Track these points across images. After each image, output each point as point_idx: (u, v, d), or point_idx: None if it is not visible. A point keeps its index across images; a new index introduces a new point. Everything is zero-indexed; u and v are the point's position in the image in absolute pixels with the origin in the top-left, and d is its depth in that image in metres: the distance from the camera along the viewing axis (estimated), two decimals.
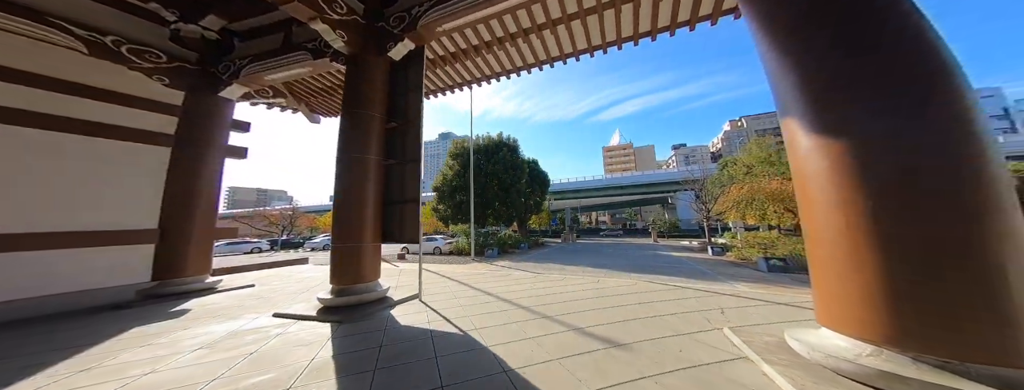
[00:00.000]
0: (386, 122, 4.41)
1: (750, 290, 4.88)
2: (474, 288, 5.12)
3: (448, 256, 12.19)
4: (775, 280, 6.32)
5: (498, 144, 20.26)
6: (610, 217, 58.78)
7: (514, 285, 5.30)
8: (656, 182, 37.88)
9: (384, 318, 3.52)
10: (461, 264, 9.52)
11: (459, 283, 5.61)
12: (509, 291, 4.82)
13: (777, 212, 14.62)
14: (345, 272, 3.78)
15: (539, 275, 6.53)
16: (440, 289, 5.08)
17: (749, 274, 7.26)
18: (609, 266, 8.93)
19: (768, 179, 15.28)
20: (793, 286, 5.51)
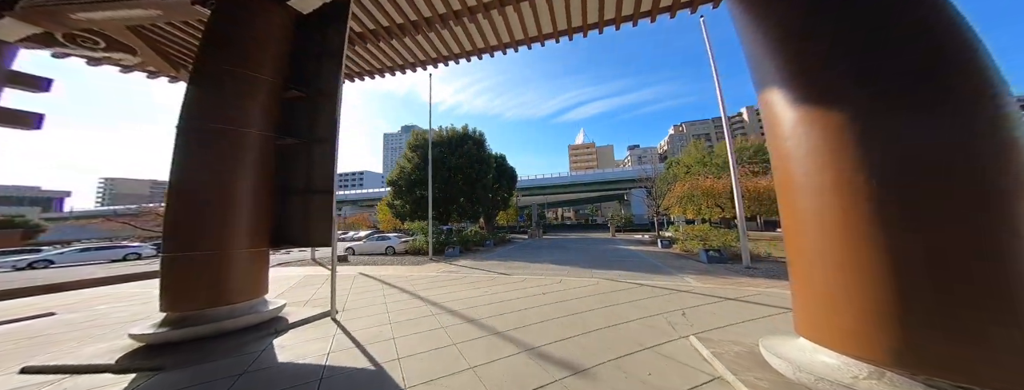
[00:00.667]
0: (283, 89, 3.17)
1: (700, 285, 4.94)
2: (417, 296, 4.26)
3: (401, 256, 10.82)
4: (715, 271, 6.73)
5: (463, 137, 18.96)
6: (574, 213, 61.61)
7: (467, 291, 4.55)
8: (615, 180, 40.51)
9: (256, 353, 2.50)
10: (414, 265, 8.40)
11: (401, 290, 4.68)
12: (458, 299, 4.08)
13: (709, 207, 16.59)
14: (189, 292, 2.62)
15: (499, 276, 5.89)
16: (370, 301, 4.14)
17: (693, 266, 7.69)
18: (573, 262, 8.77)
19: (703, 178, 17.22)
20: (732, 277, 5.84)
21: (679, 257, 9.65)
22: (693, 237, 14.43)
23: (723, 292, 4.23)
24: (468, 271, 7.17)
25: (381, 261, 9.51)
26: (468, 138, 18.89)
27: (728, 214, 16.07)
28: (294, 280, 6.11)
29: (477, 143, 19.23)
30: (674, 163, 27.91)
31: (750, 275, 6.09)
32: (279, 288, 5.10)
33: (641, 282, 5.03)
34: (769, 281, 5.22)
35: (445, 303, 3.89)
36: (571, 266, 7.93)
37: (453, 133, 18.69)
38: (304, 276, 6.53)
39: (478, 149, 19.01)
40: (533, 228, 23.99)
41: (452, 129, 18.95)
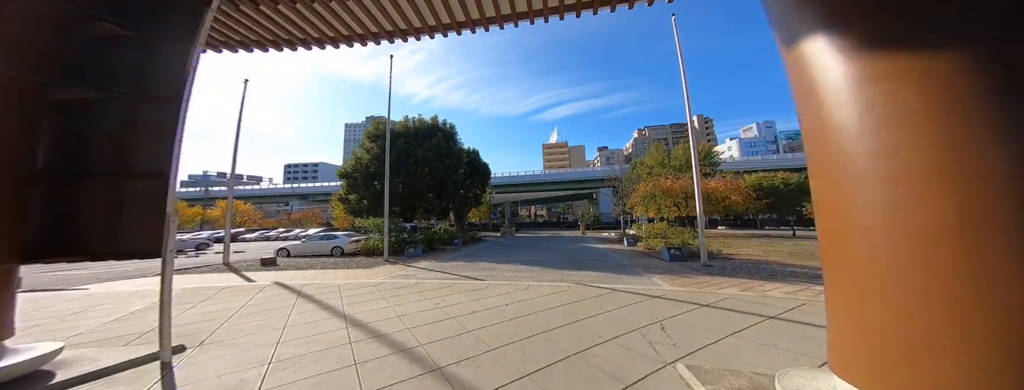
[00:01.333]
0: (74, 11, 1.87)
1: (669, 287, 4.68)
2: (339, 315, 3.23)
3: (350, 258, 9.26)
4: (678, 269, 6.74)
5: (431, 128, 17.43)
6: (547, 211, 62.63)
7: (413, 303, 3.63)
8: (586, 179, 41.83)
9: None
10: (362, 269, 7.10)
11: (320, 307, 3.58)
12: (397, 316, 3.16)
13: (668, 206, 17.70)
14: None
15: (458, 282, 5.04)
16: (264, 325, 2.99)
17: (657, 264, 7.70)
18: (543, 262, 8.26)
19: (663, 179, 18.32)
20: (695, 276, 5.80)
21: (643, 255, 9.77)
22: (655, 235, 15.13)
23: (695, 297, 3.95)
24: (425, 275, 6.17)
25: (321, 264, 7.93)
26: (437, 130, 17.41)
27: (684, 212, 17.20)
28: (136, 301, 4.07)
29: (447, 136, 17.84)
30: (638, 164, 29.53)
31: (709, 273, 6.14)
32: (121, 309, 3.57)
33: (612, 286, 4.61)
34: (730, 280, 5.21)
35: (376, 323, 2.93)
36: (541, 267, 7.38)
37: (420, 124, 17.05)
38: (193, 288, 4.83)
39: (448, 142, 17.64)
40: (505, 226, 23.36)
41: (420, 120, 17.29)
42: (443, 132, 17.56)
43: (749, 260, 8.09)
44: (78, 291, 4.79)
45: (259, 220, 31.07)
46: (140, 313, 3.42)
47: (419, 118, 17.20)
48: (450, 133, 18.11)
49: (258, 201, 35.32)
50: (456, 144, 18.51)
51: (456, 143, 18.53)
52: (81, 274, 8.27)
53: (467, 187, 21.52)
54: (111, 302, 3.92)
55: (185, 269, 7.66)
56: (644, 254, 10.04)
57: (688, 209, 17.04)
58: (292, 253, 9.95)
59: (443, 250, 11.82)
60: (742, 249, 10.70)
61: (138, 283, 5.87)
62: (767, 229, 24.74)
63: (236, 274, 6.66)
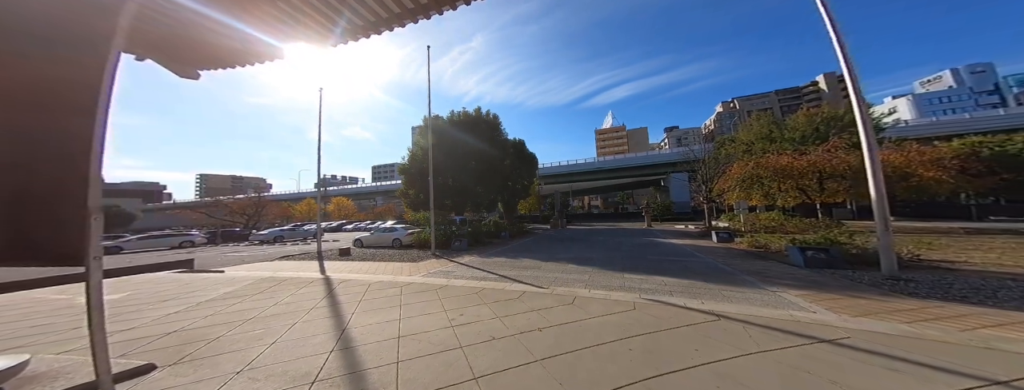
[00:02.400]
0: None
1: (842, 318, 2.65)
2: (334, 329, 2.68)
3: (405, 250, 9.81)
4: (834, 284, 4.18)
5: (476, 120, 17.28)
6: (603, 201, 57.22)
7: (422, 318, 2.93)
8: (650, 164, 35.72)
9: None
10: (408, 261, 7.19)
11: (331, 314, 3.10)
12: (388, 340, 2.45)
13: (784, 190, 12.61)
14: None
15: (491, 286, 4.22)
16: (260, 336, 2.57)
17: (782, 271, 5.12)
18: (597, 261, 6.71)
19: (775, 155, 13.14)
20: (885, 299, 3.34)
21: (749, 255, 6.89)
22: (765, 228, 11.12)
23: (943, 353, 1.96)
24: (462, 273, 5.64)
25: (380, 256, 8.51)
26: (481, 121, 17.16)
27: (818, 198, 12.00)
28: (222, 287, 4.34)
29: (491, 126, 17.42)
30: (728, 141, 22.85)
31: (914, 294, 3.50)
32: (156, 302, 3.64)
33: (719, 310, 2.91)
34: (987, 310, 2.69)
35: (366, 349, 2.24)
36: (596, 268, 5.91)
37: (465, 116, 17.09)
38: (263, 279, 4.89)
39: (492, 132, 17.22)
40: (555, 218, 21.87)
41: (464, 112, 17.35)
42: (487, 123, 17.21)
43: (1007, 274, 4.36)
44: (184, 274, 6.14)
45: (355, 214, 38.60)
46: (209, 304, 3.55)
47: (464, 111, 17.28)
48: (494, 123, 17.63)
49: (355, 198, 44.02)
50: (501, 134, 17.96)
51: (500, 134, 17.97)
52: (231, 258, 11.35)
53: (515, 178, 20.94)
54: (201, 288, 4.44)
55: (290, 255, 9.49)
56: (750, 254, 7.14)
57: (824, 194, 11.80)
58: (364, 243, 11.26)
59: (489, 243, 11.48)
60: (965, 253, 6.30)
61: (251, 267, 7.40)
62: (989, 221, 15.34)
63: (315, 262, 7.69)
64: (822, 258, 5.43)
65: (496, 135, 17.47)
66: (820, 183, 11.67)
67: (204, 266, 7.55)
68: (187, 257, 8.10)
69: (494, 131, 17.44)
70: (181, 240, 15.57)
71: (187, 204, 33.36)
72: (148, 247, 14.62)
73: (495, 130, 17.60)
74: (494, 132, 17.36)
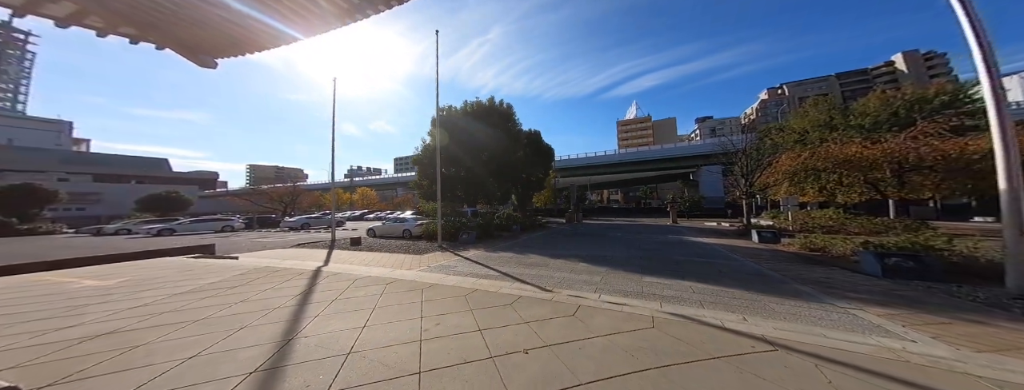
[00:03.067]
0: None
1: (943, 348, 1.81)
2: (277, 340, 2.27)
3: (413, 242, 9.74)
4: (919, 298, 3.16)
5: (489, 110, 16.71)
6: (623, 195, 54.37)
7: (389, 327, 2.48)
8: (678, 156, 32.87)
9: None
10: (412, 254, 7.02)
11: (285, 321, 2.62)
12: (334, 356, 2.01)
13: (849, 185, 10.52)
14: None
15: (479, 289, 3.74)
16: (183, 346, 2.15)
17: (850, 281, 4.07)
18: (612, 260, 6.00)
19: (838, 143, 10.95)
20: (992, 319, 2.39)
21: (803, 260, 5.72)
22: (819, 227, 9.48)
23: None
24: (461, 269, 5.29)
25: (386, 247, 8.43)
26: (493, 111, 16.55)
27: (897, 193, 9.89)
28: (212, 276, 4.11)
29: (504, 116, 16.76)
30: (775, 130, 19.99)
31: None
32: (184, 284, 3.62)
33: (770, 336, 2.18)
34: None
35: (308, 363, 1.85)
36: (610, 268, 5.23)
37: (478, 106, 16.57)
38: (257, 269, 4.62)
39: (505, 122, 16.58)
40: (570, 211, 20.94)
41: (477, 102, 16.83)
42: (500, 113, 16.57)
43: None
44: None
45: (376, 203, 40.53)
46: (181, 297, 3.25)
47: (477, 101, 16.76)
48: (507, 113, 16.95)
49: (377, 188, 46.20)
50: (514, 125, 17.27)
51: (514, 124, 17.28)
52: (264, 241, 12.03)
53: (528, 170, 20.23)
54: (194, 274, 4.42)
55: (306, 243, 9.72)
56: (802, 258, 5.95)
57: (904, 190, 9.68)
58: (376, 233, 11.36)
59: (499, 237, 11.09)
60: None
61: (263, 254, 7.67)
62: None
63: (324, 251, 7.79)
64: (910, 267, 4.25)
65: (510, 125, 16.80)
66: (898, 176, 9.53)
67: (228, 251, 8.04)
68: (210, 242, 8.43)
69: (507, 121, 16.77)
70: (223, 225, 17.25)
71: (234, 192, 37.28)
72: (196, 230, 16.38)
73: (508, 120, 16.92)
74: (507, 122, 16.70)
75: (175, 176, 45.14)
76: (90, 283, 4.10)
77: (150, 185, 34.06)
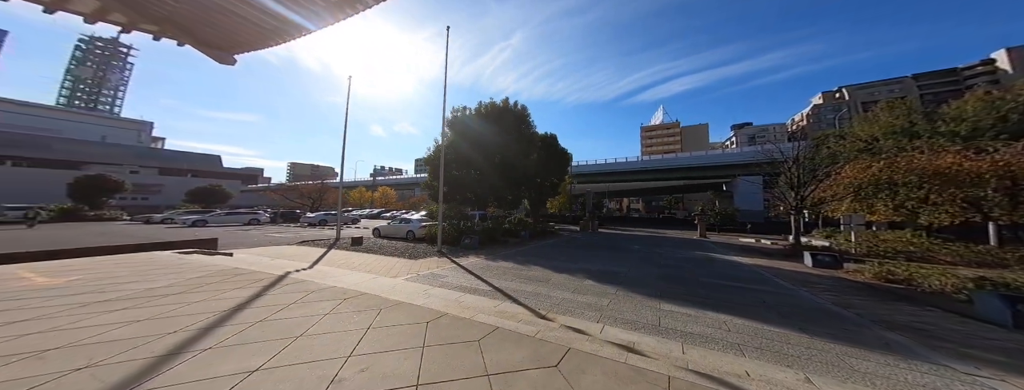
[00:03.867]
0: None
1: None
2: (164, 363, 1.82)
3: (414, 244, 9.49)
4: None
5: (502, 112, 16.47)
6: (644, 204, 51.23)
7: (283, 372, 1.96)
8: (710, 165, 30.23)
9: None
10: (407, 258, 6.72)
11: (155, 350, 2.18)
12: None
13: (942, 202, 8.44)
14: None
15: (448, 314, 3.20)
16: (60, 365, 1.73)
17: (960, 330, 2.94)
18: (625, 278, 5.17)
19: (927, 152, 8.94)
20: None
21: (876, 293, 4.43)
22: (899, 252, 7.76)
23: None
24: (452, 280, 4.82)
25: (384, 249, 8.10)
26: (507, 112, 16.26)
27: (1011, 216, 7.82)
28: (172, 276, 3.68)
29: (518, 118, 16.39)
30: (835, 137, 17.47)
31: None
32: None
33: None
34: None
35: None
36: (621, 288, 4.43)
37: (492, 107, 16.39)
38: (220, 271, 4.14)
39: (519, 124, 16.18)
40: (585, 219, 19.80)
41: (491, 103, 16.67)
42: (513, 114, 16.22)
43: None
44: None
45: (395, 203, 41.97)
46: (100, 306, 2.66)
47: (491, 102, 16.61)
48: (521, 115, 16.56)
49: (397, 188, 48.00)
50: (528, 127, 16.81)
51: (528, 126, 16.82)
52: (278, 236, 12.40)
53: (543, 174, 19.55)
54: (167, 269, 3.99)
55: (309, 241, 9.58)
56: (875, 290, 4.64)
57: (1020, 212, 7.58)
58: (381, 233, 11.28)
59: (505, 243, 10.54)
60: None
61: (261, 251, 7.71)
62: None
63: (322, 250, 7.70)
64: None
65: (524, 127, 16.37)
66: (1012, 194, 7.45)
67: (237, 245, 8.24)
68: (212, 236, 8.29)
69: (521, 123, 16.36)
70: (250, 218, 18.57)
71: (271, 187, 40.85)
72: (227, 222, 17.76)
73: (522, 122, 16.50)
74: (521, 124, 16.28)
75: (223, 171, 50.49)
76: (40, 281, 3.58)
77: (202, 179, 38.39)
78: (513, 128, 15.64)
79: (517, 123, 16.20)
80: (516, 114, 16.74)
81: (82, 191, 21.35)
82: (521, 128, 16.33)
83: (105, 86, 64.50)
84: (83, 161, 36.23)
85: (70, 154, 37.07)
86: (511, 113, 16.63)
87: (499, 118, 15.83)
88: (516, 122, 16.19)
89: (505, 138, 15.12)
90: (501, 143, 14.93)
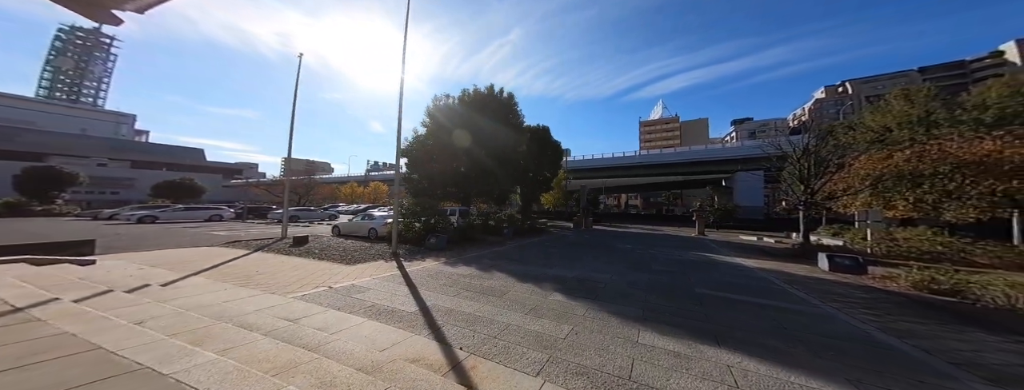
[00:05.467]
0: None
1: None
2: None
3: (373, 243, 8.34)
4: None
5: (486, 100, 15.21)
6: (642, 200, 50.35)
7: None
8: (710, 160, 29.25)
9: None
10: (342, 263, 5.62)
11: None
12: None
13: (977, 195, 7.39)
14: None
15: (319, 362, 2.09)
16: None
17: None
18: (603, 290, 4.15)
19: (957, 139, 7.87)
20: None
21: (927, 309, 3.33)
22: (923, 253, 6.80)
23: None
24: (377, 293, 3.77)
25: (327, 252, 6.70)
26: (492, 100, 14.98)
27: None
28: None
29: (504, 107, 15.14)
30: (845, 127, 16.42)
31: None
32: None
33: None
34: None
35: None
36: (593, 305, 3.35)
37: (476, 94, 15.09)
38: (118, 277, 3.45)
39: (506, 114, 14.95)
40: (579, 216, 18.74)
41: (475, 91, 15.35)
42: (499, 102, 14.94)
43: None
44: None
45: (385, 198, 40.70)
46: None
47: (475, 89, 15.29)
48: (508, 103, 15.29)
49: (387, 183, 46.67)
50: (516, 116, 15.58)
51: (516, 116, 15.59)
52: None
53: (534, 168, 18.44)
54: None
55: (238, 241, 8.23)
56: (921, 304, 3.59)
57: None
58: (341, 232, 9.67)
59: (483, 241, 9.48)
60: None
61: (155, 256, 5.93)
62: None
63: (243, 251, 6.45)
64: None
65: (511, 117, 15.13)
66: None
67: (137, 247, 6.66)
68: (89, 238, 5.85)
69: (508, 112, 15.10)
70: (211, 214, 17.13)
71: (254, 182, 39.22)
72: (180, 218, 15.23)
73: (509, 111, 15.25)
74: (508, 113, 15.03)
75: (206, 165, 48.51)
76: None
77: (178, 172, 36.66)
78: (500, 118, 14.40)
79: (503, 112, 14.94)
80: (502, 102, 15.45)
81: (30, 184, 19.80)
82: (508, 118, 15.08)
83: (87, 77, 61.98)
84: (49, 153, 34.39)
85: (36, 146, 35.25)
86: (496, 101, 15.33)
87: (483, 107, 14.55)
88: (502, 111, 14.93)
89: (491, 128, 13.87)
90: (487, 134, 13.70)
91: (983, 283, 3.85)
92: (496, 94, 15.71)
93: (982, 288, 3.72)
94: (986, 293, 3.67)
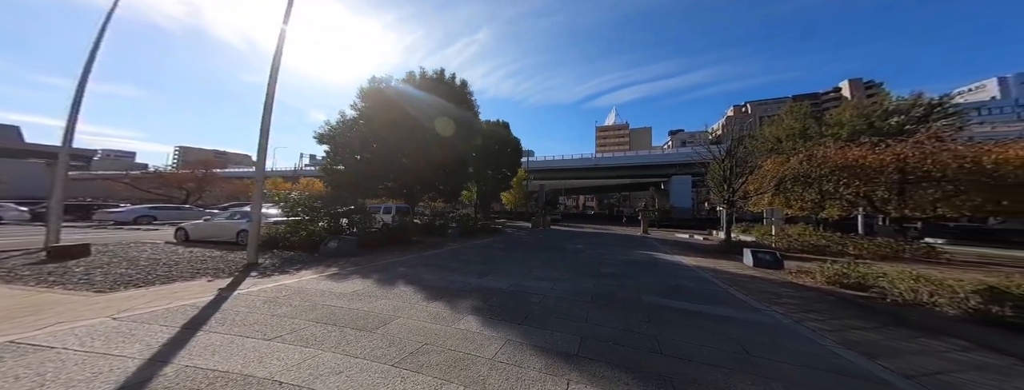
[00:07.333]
0: None
1: None
2: None
3: (235, 252, 5.88)
4: None
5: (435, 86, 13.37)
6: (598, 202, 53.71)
7: None
8: (652, 164, 32.16)
9: None
10: (130, 289, 3.48)
11: None
12: None
13: (848, 195, 8.81)
14: None
15: None
16: None
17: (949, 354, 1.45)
18: (538, 305, 3.14)
19: (836, 146, 9.38)
20: None
21: (849, 307, 3.08)
22: (811, 246, 7.58)
23: None
24: (69, 364, 1.95)
25: (119, 268, 4.57)
26: (443, 86, 13.22)
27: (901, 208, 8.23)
28: None
29: (456, 95, 13.53)
30: (749, 137, 19.24)
31: None
32: None
33: None
34: None
35: None
36: (517, 333, 2.21)
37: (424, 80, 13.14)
38: None
39: (458, 103, 13.35)
40: (538, 216, 18.20)
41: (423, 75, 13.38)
42: (451, 89, 13.27)
43: None
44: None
45: None
46: None
47: (422, 72, 13.31)
48: (460, 92, 13.71)
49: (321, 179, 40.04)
50: (470, 108, 14.10)
51: (470, 106, 14.11)
52: None
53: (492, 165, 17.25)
54: None
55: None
56: (842, 302, 3.45)
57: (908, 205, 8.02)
58: (190, 237, 7.12)
59: (421, 243, 7.86)
60: None
61: None
62: None
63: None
64: None
65: (464, 108, 13.57)
66: (899, 189, 7.96)
67: None
68: None
69: (461, 102, 13.52)
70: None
71: (106, 175, 29.16)
72: None
73: (462, 101, 13.68)
74: (461, 104, 13.45)
75: (19, 147, 33.28)
76: None
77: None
78: (450, 108, 12.72)
79: (455, 101, 13.27)
80: (455, 90, 13.75)
81: None
82: (461, 108, 13.48)
83: None
84: None
85: None
86: (447, 87, 13.58)
87: (432, 92, 12.67)
88: (454, 99, 13.26)
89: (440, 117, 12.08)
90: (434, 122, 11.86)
91: (876, 275, 3.94)
92: (448, 80, 13.95)
93: (890, 283, 3.75)
94: (892, 288, 3.69)
